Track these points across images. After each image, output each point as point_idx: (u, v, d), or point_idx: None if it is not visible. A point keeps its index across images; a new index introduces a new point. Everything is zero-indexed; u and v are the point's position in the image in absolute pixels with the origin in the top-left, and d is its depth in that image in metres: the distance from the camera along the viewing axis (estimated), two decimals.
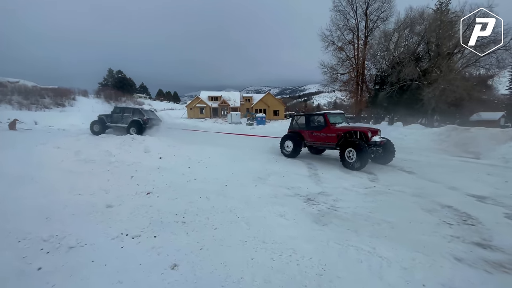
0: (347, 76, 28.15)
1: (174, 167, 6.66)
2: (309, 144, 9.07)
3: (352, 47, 27.79)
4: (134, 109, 13.79)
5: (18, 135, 11.27)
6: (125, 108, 13.90)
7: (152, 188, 4.76)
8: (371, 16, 26.74)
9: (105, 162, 6.16)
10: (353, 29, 27.46)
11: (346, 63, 27.84)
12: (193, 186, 5.06)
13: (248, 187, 5.12)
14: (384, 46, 25.36)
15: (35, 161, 5.94)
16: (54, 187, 4.47)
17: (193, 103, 51.89)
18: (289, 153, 9.06)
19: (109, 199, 4.08)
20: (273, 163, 8.01)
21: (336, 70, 28.41)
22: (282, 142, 9.47)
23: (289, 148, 9.12)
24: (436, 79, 21.55)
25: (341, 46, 27.60)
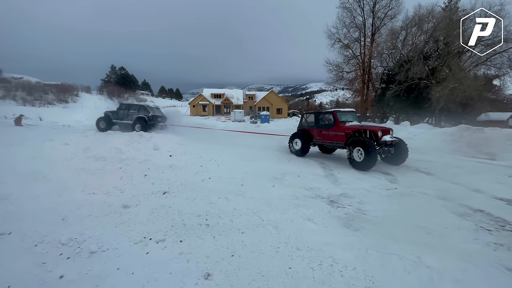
0: (353, 74, 27.80)
1: (186, 165, 6.48)
2: (318, 143, 8.95)
3: (359, 45, 27.41)
4: (140, 106, 13.71)
5: (24, 131, 11.11)
6: (131, 105, 13.81)
7: (167, 187, 4.57)
8: (379, 13, 26.31)
9: (116, 159, 5.97)
10: (360, 27, 27.05)
11: (352, 61, 27.47)
12: (209, 185, 4.86)
13: (266, 188, 4.92)
14: (391, 44, 25.00)
15: (45, 158, 5.77)
16: (67, 185, 4.29)
17: (196, 100, 51.66)
18: (298, 151, 8.94)
19: (125, 199, 3.89)
20: (285, 162, 7.81)
21: (341, 68, 28.05)
22: (291, 140, 9.37)
23: (298, 146, 8.99)
24: (445, 78, 21.22)
25: (347, 44, 27.22)
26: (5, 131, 10.98)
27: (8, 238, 2.62)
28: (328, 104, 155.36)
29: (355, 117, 8.89)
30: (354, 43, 27.59)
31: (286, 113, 53.47)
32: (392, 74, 23.54)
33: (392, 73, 23.44)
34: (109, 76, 73.09)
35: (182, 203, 3.81)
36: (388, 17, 26.12)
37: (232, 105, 52.19)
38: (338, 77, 27.98)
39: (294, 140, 9.19)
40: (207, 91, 53.86)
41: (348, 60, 27.44)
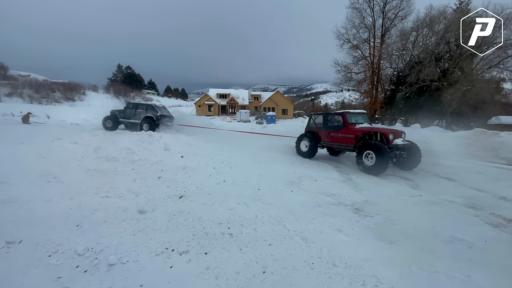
0: (361, 76, 27.43)
1: (198, 167, 6.27)
2: (326, 145, 8.67)
3: (368, 45, 27.03)
4: (147, 105, 13.56)
5: (32, 129, 11.03)
6: (138, 104, 13.68)
7: (183, 191, 4.36)
8: (389, 14, 25.93)
9: (128, 160, 5.79)
10: (370, 27, 26.69)
11: (361, 62, 27.11)
12: (225, 189, 4.65)
13: (284, 193, 4.69)
14: (401, 45, 24.60)
15: (55, 157, 5.62)
16: (79, 187, 4.11)
17: (201, 100, 51.63)
18: (305, 153, 8.75)
19: (140, 203, 3.69)
20: (298, 165, 7.58)
21: (350, 69, 27.72)
22: (298, 141, 9.16)
23: (305, 148, 8.79)
24: (456, 80, 20.77)
25: (356, 45, 26.87)
26: (13, 129, 10.92)
27: (19, 248, 2.42)
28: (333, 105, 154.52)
29: (366, 119, 8.59)
30: (363, 43, 27.25)
31: (292, 113, 53.16)
32: (402, 75, 23.13)
33: (403, 74, 23.04)
34: (116, 75, 73.53)
35: (200, 209, 3.60)
36: (399, 18, 25.74)
37: (237, 105, 52.05)
38: (347, 78, 27.65)
39: (302, 142, 9.00)
40: (213, 91, 53.78)
41: (357, 61, 27.10)
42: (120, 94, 59.79)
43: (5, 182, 3.97)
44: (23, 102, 35.76)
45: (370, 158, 6.60)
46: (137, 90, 70.61)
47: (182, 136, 11.90)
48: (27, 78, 42.98)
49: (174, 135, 11.38)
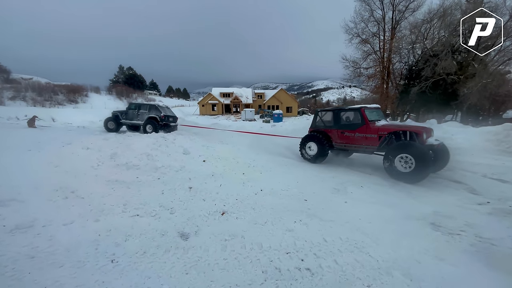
0: (371, 70, 26.63)
1: (226, 173, 5.64)
2: (339, 147, 7.34)
3: (377, 40, 26.21)
4: (151, 106, 12.80)
5: (38, 133, 10.43)
6: (141, 105, 12.89)
7: (222, 204, 3.72)
8: (399, 6, 25.05)
9: (150, 167, 5.15)
10: (379, 21, 25.80)
11: (370, 57, 26.29)
12: (267, 201, 4.00)
13: (337, 204, 4.03)
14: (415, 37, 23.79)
15: (68, 166, 4.99)
16: (103, 203, 3.48)
17: (205, 99, 50.99)
18: (313, 158, 7.48)
19: (179, 223, 3.06)
20: (331, 168, 6.90)
21: (359, 64, 26.91)
22: (302, 143, 7.83)
23: (312, 151, 7.51)
24: (473, 73, 19.97)
25: (366, 39, 26.05)
26: (19, 133, 10.32)
27: None
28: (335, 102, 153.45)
29: (382, 115, 7.50)
30: (372, 37, 26.40)
31: (296, 111, 52.40)
32: (416, 69, 22.31)
33: (416, 68, 22.21)
34: (118, 76, 72.98)
35: (254, 231, 2.95)
36: (409, 10, 24.84)
37: (241, 104, 51.37)
38: (356, 73, 26.83)
39: (307, 144, 7.66)
40: (216, 90, 53.11)
41: (367, 55, 26.26)
42: (122, 95, 59.26)
43: (17, 199, 3.35)
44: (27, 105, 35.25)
45: (405, 163, 5.44)
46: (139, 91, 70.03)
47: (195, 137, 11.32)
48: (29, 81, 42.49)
49: (188, 137, 10.78)
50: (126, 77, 73.02)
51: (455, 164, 6.77)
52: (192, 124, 17.29)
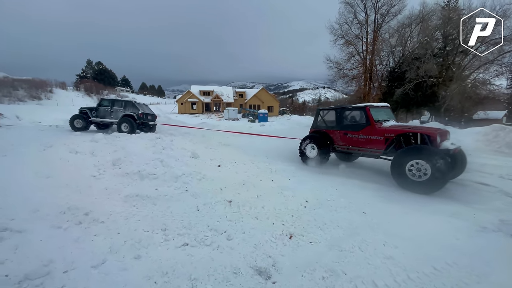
0: (355, 72, 27.20)
1: (253, 180, 4.95)
2: (342, 150, 6.65)
3: (361, 42, 26.79)
4: (126, 102, 11.29)
5: (7, 133, 8.83)
6: (114, 101, 11.44)
7: (281, 223, 3.05)
8: (381, 10, 25.79)
9: (170, 176, 4.29)
10: (362, 23, 26.41)
11: (354, 58, 26.83)
12: (325, 216, 3.40)
13: (399, 216, 3.55)
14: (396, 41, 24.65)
15: (64, 177, 4.00)
16: (133, 229, 2.65)
17: (184, 97, 49.01)
18: (312, 161, 6.85)
19: (247, 255, 2.36)
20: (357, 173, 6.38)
21: (342, 65, 27.35)
22: (302, 145, 7.19)
23: (313, 154, 6.85)
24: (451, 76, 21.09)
25: (350, 41, 26.51)
26: None
27: None
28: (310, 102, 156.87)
29: (391, 115, 6.87)
30: (356, 39, 26.93)
31: (277, 111, 52.39)
32: (399, 72, 23.06)
33: (399, 70, 22.96)
34: (85, 71, 67.77)
35: (346, 261, 2.34)
36: (391, 14, 25.67)
37: (222, 103, 50.18)
38: (340, 74, 27.23)
39: (308, 146, 7.00)
40: (195, 88, 51.32)
41: (351, 56, 26.74)
42: (91, 91, 55.06)
43: (13, 229, 2.41)
44: None
45: (418, 170, 4.69)
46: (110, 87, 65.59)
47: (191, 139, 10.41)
48: None
49: (185, 138, 9.85)
50: (95, 72, 68.04)
51: None
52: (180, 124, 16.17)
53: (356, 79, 27.18)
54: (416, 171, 4.70)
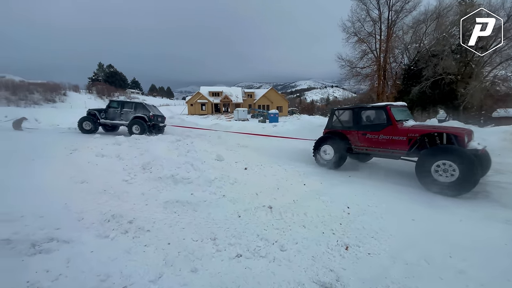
0: (368, 70, 26.70)
1: (283, 183, 4.81)
2: (359, 151, 6.36)
3: (374, 39, 26.27)
4: (137, 104, 11.21)
5: (30, 137, 8.96)
6: (124, 102, 11.30)
7: (331, 232, 2.88)
8: (395, 6, 25.21)
9: (204, 180, 4.18)
10: (375, 20, 25.89)
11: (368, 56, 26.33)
12: (372, 224, 3.19)
13: (450, 225, 3.33)
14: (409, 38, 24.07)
15: (98, 181, 3.94)
16: (183, 238, 2.52)
17: (193, 98, 49.31)
18: (330, 163, 6.52)
19: (308, 268, 2.20)
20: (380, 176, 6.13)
21: (355, 64, 26.88)
22: (317, 146, 6.89)
23: (328, 156, 6.58)
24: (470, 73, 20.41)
25: (362, 38, 26.04)
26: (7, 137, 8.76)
27: None
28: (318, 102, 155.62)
29: (409, 114, 6.71)
30: (368, 37, 26.42)
31: (286, 111, 52.09)
32: (415, 69, 22.47)
33: (415, 68, 22.37)
34: (97, 74, 69.07)
35: (417, 277, 2.16)
36: (405, 10, 25.05)
37: (231, 104, 50.22)
38: (353, 73, 26.76)
39: (323, 148, 6.71)
40: (205, 89, 51.55)
41: (364, 54, 26.25)
42: (103, 94, 56.07)
43: (59, 238, 2.33)
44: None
45: (444, 171, 4.49)
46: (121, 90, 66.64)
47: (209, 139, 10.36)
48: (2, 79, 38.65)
49: (204, 140, 9.78)
50: (106, 75, 69.27)
51: (497, 165, 6.25)
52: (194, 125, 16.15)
53: (370, 78, 26.67)
54: (442, 172, 4.54)
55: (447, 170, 4.48)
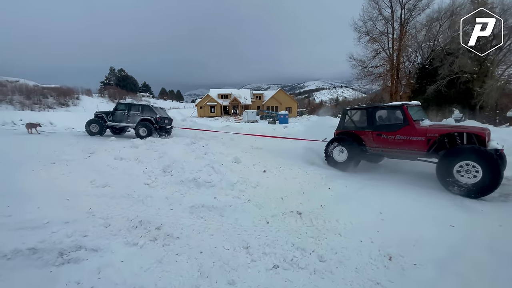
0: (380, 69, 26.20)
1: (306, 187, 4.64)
2: (375, 151, 6.15)
3: (386, 38, 25.78)
4: (144, 106, 11.11)
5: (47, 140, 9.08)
6: (131, 105, 11.18)
7: (370, 241, 2.69)
8: (408, 4, 24.68)
9: (227, 183, 4.04)
10: (388, 19, 25.41)
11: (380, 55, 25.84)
12: (407, 230, 3.00)
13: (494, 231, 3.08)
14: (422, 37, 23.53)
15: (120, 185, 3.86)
16: (214, 247, 2.39)
17: (203, 101, 49.60)
18: (341, 164, 6.33)
19: (353, 281, 2.03)
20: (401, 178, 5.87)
21: (366, 63, 26.44)
22: (329, 147, 6.70)
23: (342, 157, 6.38)
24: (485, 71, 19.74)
25: (374, 37, 25.59)
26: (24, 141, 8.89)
27: None
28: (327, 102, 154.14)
29: (424, 114, 6.42)
30: (380, 36, 25.94)
31: (295, 112, 51.74)
32: (430, 68, 21.87)
33: (430, 67, 21.77)
34: (109, 78, 70.48)
35: None
36: (418, 8, 24.48)
37: (240, 106, 50.27)
38: (365, 72, 26.31)
39: (336, 149, 6.51)
40: (214, 92, 51.80)
41: (376, 54, 25.78)
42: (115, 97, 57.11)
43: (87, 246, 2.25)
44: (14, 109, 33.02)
45: (467, 172, 4.33)
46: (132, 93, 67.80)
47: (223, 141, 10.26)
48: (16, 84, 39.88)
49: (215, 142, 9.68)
50: (118, 79, 70.62)
51: None
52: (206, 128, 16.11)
53: (382, 77, 26.16)
54: (465, 172, 4.38)
55: (469, 171, 4.33)
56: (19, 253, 2.08)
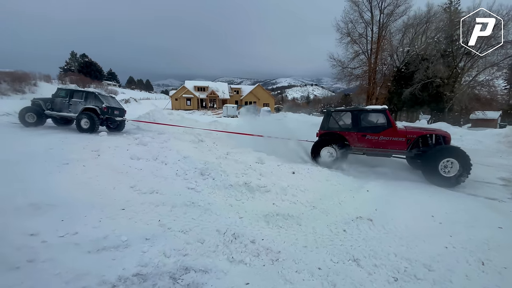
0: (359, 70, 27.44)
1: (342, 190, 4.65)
2: (359, 152, 6.77)
3: (365, 41, 26.97)
4: (88, 93, 9.39)
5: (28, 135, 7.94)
6: (73, 91, 9.41)
7: (450, 245, 2.79)
8: (386, 9, 26.00)
9: (280, 188, 3.89)
10: (368, 22, 26.57)
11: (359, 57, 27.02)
12: (470, 233, 3.19)
13: None
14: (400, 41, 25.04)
15: (167, 191, 3.53)
16: (326, 263, 2.29)
17: (178, 93, 47.62)
18: (330, 163, 6.59)
19: None
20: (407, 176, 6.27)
21: (346, 64, 27.50)
22: (318, 147, 6.92)
23: (331, 157, 6.71)
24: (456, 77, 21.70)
25: (355, 39, 26.62)
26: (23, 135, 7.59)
27: None
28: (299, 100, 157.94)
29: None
30: (360, 38, 27.07)
31: (273, 108, 52.17)
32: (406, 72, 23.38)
33: (406, 71, 23.28)
34: (70, 64, 64.29)
35: None
36: (396, 14, 25.92)
37: (218, 99, 49.26)
38: (345, 73, 27.33)
39: (324, 148, 6.84)
40: (190, 83, 49.99)
41: (356, 55, 26.87)
42: (78, 85, 52.35)
43: (197, 267, 1.99)
44: None
45: (445, 167, 5.46)
46: (97, 81, 62.42)
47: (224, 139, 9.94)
48: None
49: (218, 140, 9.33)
50: (80, 65, 64.67)
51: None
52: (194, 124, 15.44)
53: (361, 78, 27.42)
54: (444, 167, 5.48)
55: (447, 166, 5.46)
56: (127, 281, 1.79)
